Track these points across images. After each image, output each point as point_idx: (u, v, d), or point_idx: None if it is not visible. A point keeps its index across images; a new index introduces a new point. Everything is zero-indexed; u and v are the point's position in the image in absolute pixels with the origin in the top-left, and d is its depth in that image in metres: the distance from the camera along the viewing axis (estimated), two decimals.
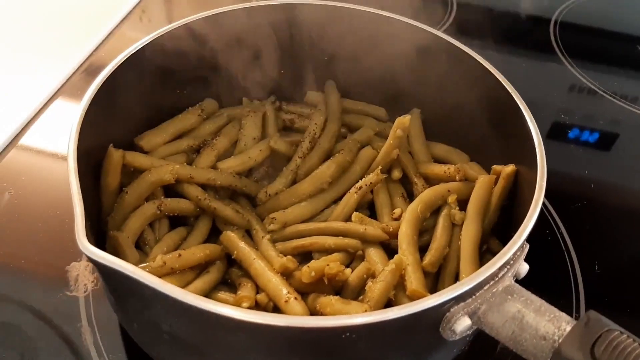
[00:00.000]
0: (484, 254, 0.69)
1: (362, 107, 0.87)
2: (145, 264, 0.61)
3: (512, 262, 0.55)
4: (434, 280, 0.66)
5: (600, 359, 0.48)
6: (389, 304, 0.62)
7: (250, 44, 0.82)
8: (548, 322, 0.51)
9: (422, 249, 0.68)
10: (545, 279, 0.60)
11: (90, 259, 0.51)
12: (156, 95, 0.77)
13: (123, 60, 0.70)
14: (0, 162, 0.88)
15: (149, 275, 0.49)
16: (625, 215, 0.92)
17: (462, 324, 0.52)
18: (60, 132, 0.93)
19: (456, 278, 0.66)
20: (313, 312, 0.61)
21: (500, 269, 0.53)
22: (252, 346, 0.51)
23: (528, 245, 0.57)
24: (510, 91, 0.70)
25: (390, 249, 0.69)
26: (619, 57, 1.25)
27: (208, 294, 0.63)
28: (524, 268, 0.58)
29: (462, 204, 0.71)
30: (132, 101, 0.74)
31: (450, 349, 0.61)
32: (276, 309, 0.62)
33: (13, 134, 0.92)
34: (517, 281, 0.56)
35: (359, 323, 0.48)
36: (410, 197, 0.76)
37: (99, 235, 0.66)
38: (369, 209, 0.76)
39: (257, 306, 0.62)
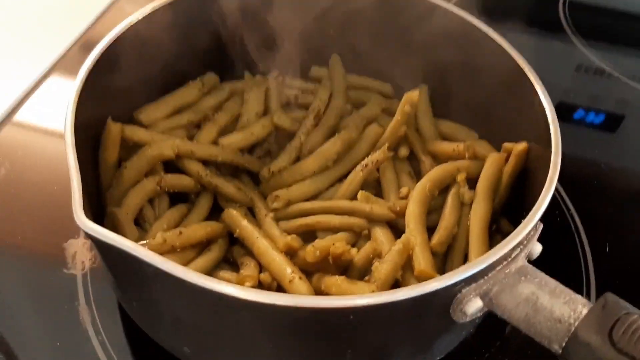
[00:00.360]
0: (494, 234, 0.67)
1: (367, 83, 0.84)
2: (144, 242, 0.59)
3: (525, 242, 0.53)
4: (443, 261, 0.65)
5: (619, 343, 0.46)
6: (396, 284, 0.60)
7: (251, 16, 0.79)
8: (564, 305, 0.49)
9: (430, 229, 0.66)
10: (554, 260, 0.58)
11: (88, 235, 0.49)
12: (155, 69, 0.75)
13: (120, 33, 0.68)
14: None
15: (149, 252, 0.47)
16: (632, 196, 0.90)
17: (474, 306, 0.50)
18: (56, 107, 0.91)
19: (465, 258, 0.64)
20: (318, 292, 0.59)
21: (514, 249, 0.51)
22: (256, 327, 0.50)
23: (542, 225, 0.55)
24: (522, 65, 0.67)
25: (397, 229, 0.67)
26: (628, 36, 1.22)
27: (210, 272, 0.62)
28: (537, 248, 0.56)
29: (472, 182, 0.69)
30: (131, 74, 0.71)
31: (459, 331, 0.60)
32: (280, 289, 0.60)
33: (8, 109, 0.90)
34: (529, 262, 0.54)
35: (367, 304, 0.46)
36: (417, 175, 0.74)
37: (98, 212, 0.64)
38: (375, 187, 0.74)
39: (260, 286, 0.60)
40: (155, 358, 0.61)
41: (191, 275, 0.46)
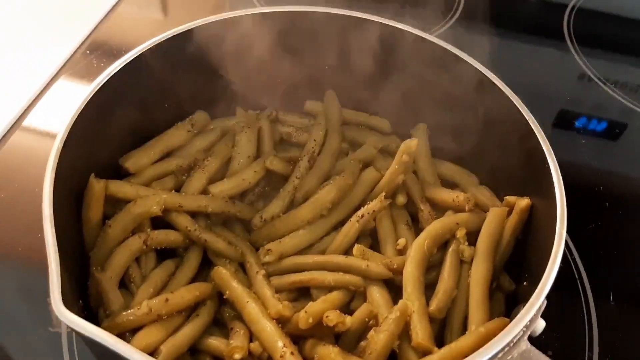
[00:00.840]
0: (494, 292, 0.65)
1: (364, 119, 0.81)
2: (129, 312, 0.56)
3: (529, 323, 0.50)
4: (441, 324, 0.62)
5: None
6: (392, 354, 0.58)
7: (246, 51, 0.75)
8: None
9: (428, 286, 0.64)
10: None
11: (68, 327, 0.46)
12: (143, 111, 0.71)
13: (103, 82, 0.65)
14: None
15: (131, 349, 0.45)
16: (633, 204, 0.90)
17: None
18: (63, 111, 0.90)
19: (464, 321, 0.62)
20: None
21: (517, 334, 0.49)
22: None
23: (546, 302, 0.53)
24: (528, 118, 0.64)
25: (393, 285, 0.64)
26: (632, 46, 1.20)
27: (198, 340, 0.59)
28: (540, 325, 0.53)
29: (472, 235, 0.66)
30: (117, 120, 0.68)
31: None
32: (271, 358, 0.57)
33: (16, 115, 0.90)
34: (531, 338, 0.52)
35: None
36: (415, 223, 0.71)
37: (83, 270, 0.61)
38: (372, 235, 0.71)
39: (250, 355, 0.58)
40: None
41: None
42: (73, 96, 0.61)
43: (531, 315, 0.49)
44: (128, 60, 0.67)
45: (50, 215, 0.52)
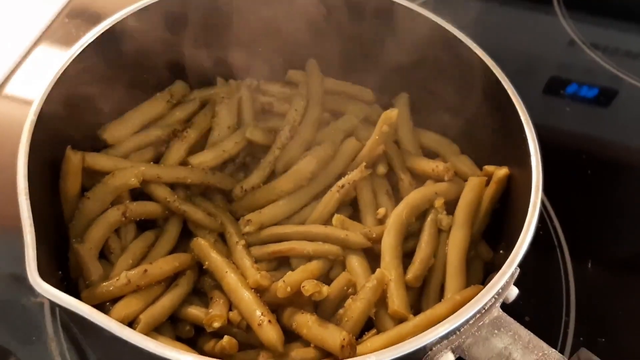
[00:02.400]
0: (472, 260, 0.65)
1: (346, 89, 0.80)
2: (108, 283, 0.57)
3: (501, 291, 0.51)
4: (418, 293, 0.63)
5: None
6: (369, 321, 0.59)
7: (226, 19, 0.75)
8: None
9: (406, 255, 0.64)
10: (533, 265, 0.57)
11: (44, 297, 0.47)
12: (121, 81, 0.70)
13: (81, 49, 0.63)
14: None
15: (106, 318, 0.45)
16: (622, 172, 0.90)
17: None
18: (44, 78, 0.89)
19: (441, 289, 0.62)
20: (288, 331, 0.58)
21: (489, 300, 0.50)
22: None
23: (519, 270, 0.53)
24: (506, 87, 0.64)
25: (372, 254, 0.65)
26: (621, 11, 1.18)
27: (178, 309, 0.60)
28: (513, 293, 0.54)
29: (451, 204, 0.67)
30: (94, 91, 0.67)
31: None
32: (250, 327, 0.58)
33: None
34: (504, 305, 0.53)
35: None
36: (395, 192, 0.72)
37: (62, 241, 0.62)
38: (352, 206, 0.71)
39: (229, 323, 0.59)
40: None
41: (150, 344, 0.44)
42: (52, 64, 0.60)
43: (502, 283, 0.50)
44: (105, 29, 0.66)
45: (25, 187, 0.52)
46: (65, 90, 0.63)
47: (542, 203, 0.82)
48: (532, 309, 0.69)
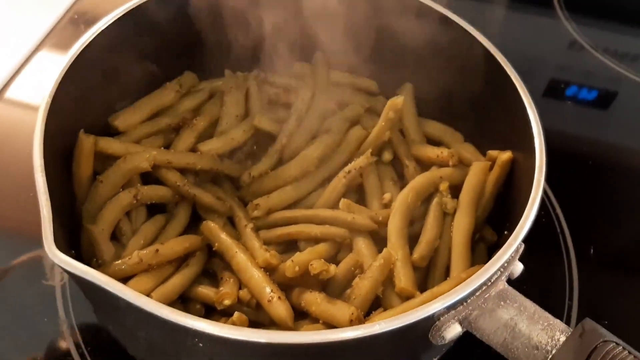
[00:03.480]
0: (477, 243, 0.67)
1: (351, 80, 0.82)
2: (120, 261, 0.58)
3: (506, 264, 0.52)
4: (424, 274, 0.64)
5: None
6: (377, 299, 0.60)
7: (232, 11, 0.76)
8: (541, 331, 0.49)
9: (412, 238, 0.65)
10: (536, 251, 0.58)
11: (60, 267, 0.48)
12: (131, 71, 0.72)
13: (92, 36, 0.65)
14: None
15: (122, 286, 0.46)
16: (622, 173, 0.91)
17: (453, 331, 0.50)
18: (45, 84, 0.89)
19: (447, 271, 0.64)
20: (297, 309, 0.59)
21: (494, 273, 0.51)
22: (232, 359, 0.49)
23: (523, 245, 0.54)
24: (509, 72, 0.65)
25: (379, 237, 0.66)
26: (622, 13, 1.20)
27: (188, 289, 0.61)
28: (518, 268, 0.55)
29: (456, 190, 0.68)
30: (105, 78, 0.69)
31: (440, 349, 0.59)
32: (260, 306, 0.59)
33: None
34: (510, 281, 0.54)
35: (343, 338, 0.45)
36: (401, 179, 0.73)
37: (73, 226, 0.63)
38: (358, 192, 0.72)
39: (239, 302, 0.60)
40: None
41: (164, 310, 0.45)
42: (53, 69, 0.61)
43: (508, 255, 0.51)
44: (115, 18, 0.68)
45: (41, 165, 0.53)
46: (78, 79, 0.64)
47: (545, 192, 0.84)
48: (536, 295, 0.69)
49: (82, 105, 0.67)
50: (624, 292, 0.76)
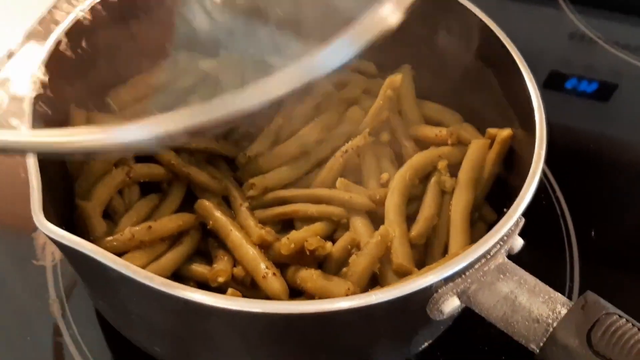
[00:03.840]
0: (476, 222, 0.65)
1: None
2: (112, 237, 0.57)
3: (506, 238, 0.51)
4: (422, 252, 0.63)
5: (597, 345, 0.45)
6: (374, 277, 0.59)
7: None
8: (542, 304, 0.48)
9: (410, 217, 0.64)
10: (538, 244, 0.57)
11: (48, 237, 0.47)
12: (127, 48, 0.71)
13: (87, 8, 0.64)
14: None
15: (112, 256, 0.45)
16: (623, 167, 0.90)
17: (451, 305, 0.49)
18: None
19: (445, 249, 0.63)
20: (293, 287, 0.58)
21: (493, 246, 0.50)
22: (226, 331, 0.48)
23: (524, 220, 0.53)
24: (509, 47, 0.64)
25: (376, 217, 0.65)
26: (622, 4, 1.19)
27: (181, 266, 0.60)
28: (518, 243, 0.54)
29: (455, 169, 0.67)
30: (98, 53, 0.68)
31: (438, 326, 0.58)
32: (254, 283, 0.58)
33: None
34: (510, 256, 0.53)
35: (339, 308, 0.44)
36: (399, 159, 0.72)
37: (68, 202, 0.62)
38: (356, 173, 0.71)
39: (234, 280, 0.59)
40: (128, 353, 0.60)
41: (156, 280, 0.44)
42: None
43: (508, 227, 0.50)
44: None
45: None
46: (68, 56, 0.63)
47: (545, 175, 0.83)
48: (537, 277, 0.69)
49: (74, 85, 0.65)
50: (626, 277, 0.75)
